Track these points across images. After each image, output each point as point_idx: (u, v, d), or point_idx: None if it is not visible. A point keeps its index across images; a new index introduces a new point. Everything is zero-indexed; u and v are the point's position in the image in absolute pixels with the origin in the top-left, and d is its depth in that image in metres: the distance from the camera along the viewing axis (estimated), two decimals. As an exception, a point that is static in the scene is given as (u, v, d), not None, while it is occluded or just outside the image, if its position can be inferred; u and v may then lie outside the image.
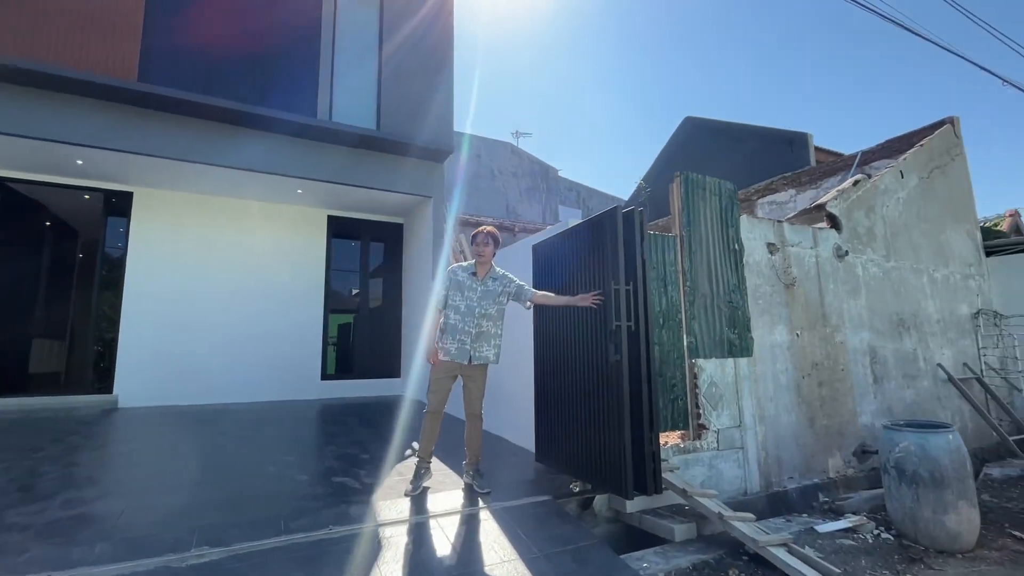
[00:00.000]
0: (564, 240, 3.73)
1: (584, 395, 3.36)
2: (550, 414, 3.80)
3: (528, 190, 20.12)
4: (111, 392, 6.56)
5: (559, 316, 3.73)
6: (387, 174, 7.15)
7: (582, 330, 3.39)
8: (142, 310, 6.81)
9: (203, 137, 6.12)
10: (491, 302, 3.38)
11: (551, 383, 3.80)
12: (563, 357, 3.64)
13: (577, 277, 3.48)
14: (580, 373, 3.41)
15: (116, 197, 6.95)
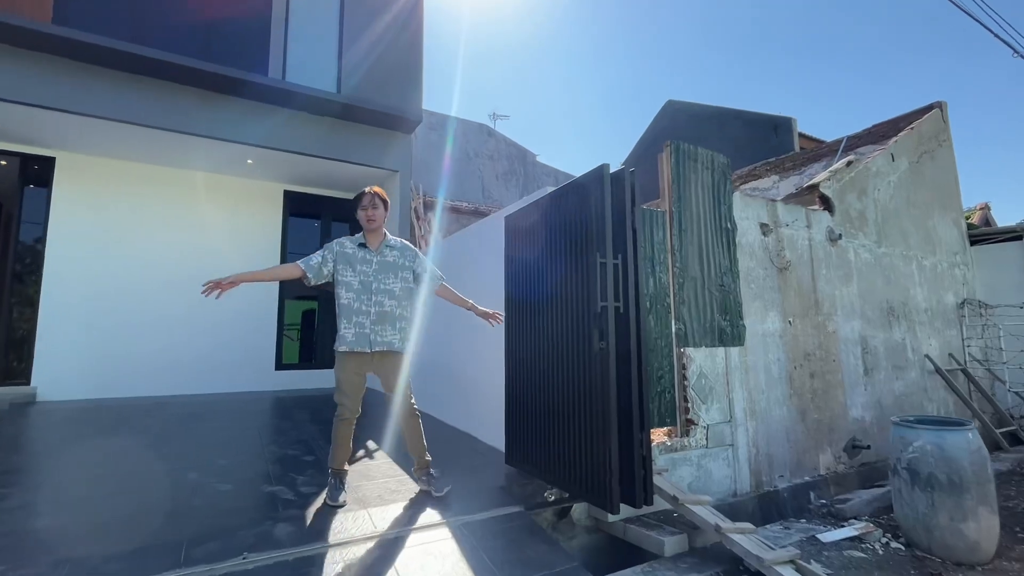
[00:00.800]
0: (542, 208, 3.22)
1: (562, 390, 2.87)
2: (522, 411, 3.31)
3: (505, 174, 19.53)
4: (28, 383, 5.79)
5: (533, 297, 3.23)
6: (349, 144, 6.51)
7: (560, 313, 2.89)
8: (66, 291, 6.03)
9: (132, 94, 5.38)
10: (392, 277, 2.88)
11: (523, 375, 3.31)
12: (537, 345, 3.14)
13: (557, 250, 2.97)
14: (558, 364, 2.93)
15: (35, 162, 6.12)
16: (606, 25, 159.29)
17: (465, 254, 4.87)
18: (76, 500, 2.73)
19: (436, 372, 5.27)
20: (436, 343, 5.33)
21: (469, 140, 18.40)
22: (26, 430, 4.39)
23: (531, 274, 3.27)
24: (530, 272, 3.28)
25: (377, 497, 2.85)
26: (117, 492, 2.85)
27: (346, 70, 6.49)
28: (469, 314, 4.65)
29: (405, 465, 3.46)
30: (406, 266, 2.95)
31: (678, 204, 4.15)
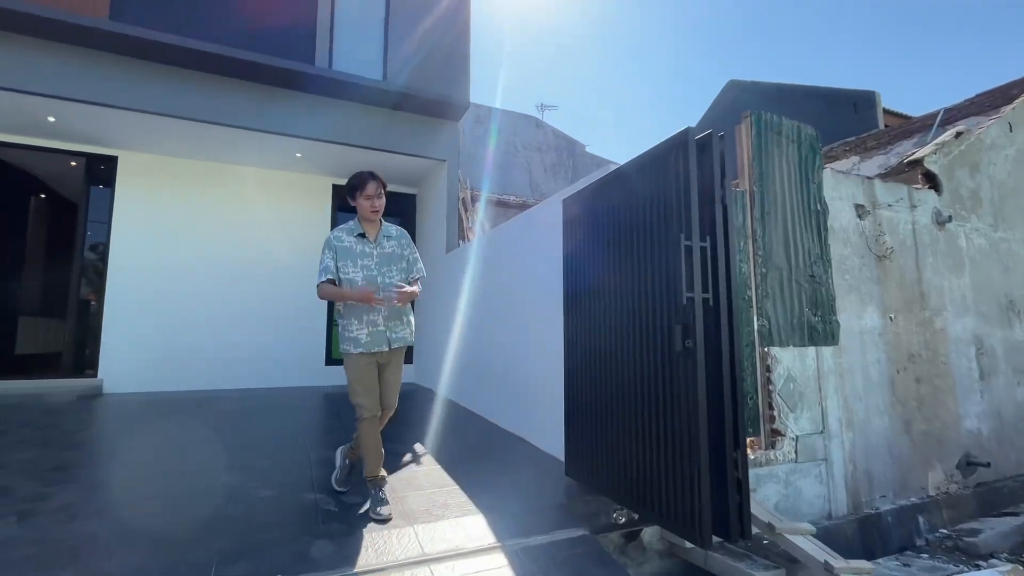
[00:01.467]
0: (607, 186, 2.82)
1: (635, 396, 2.47)
2: (584, 418, 2.94)
3: (553, 166, 19.10)
4: (96, 376, 5.97)
5: (597, 288, 2.84)
6: (396, 134, 6.31)
7: (632, 306, 2.49)
8: (128, 288, 6.17)
9: (185, 88, 5.38)
10: (394, 268, 2.69)
11: (586, 377, 2.92)
12: (602, 343, 2.75)
13: (627, 234, 2.57)
14: (629, 365, 2.53)
15: (100, 162, 6.30)
16: (656, 6, 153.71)
17: (515, 243, 4.52)
18: (115, 504, 2.61)
19: (486, 371, 4.97)
20: (486, 340, 5.03)
21: (516, 132, 18.07)
22: (86, 424, 4.44)
23: (594, 263, 2.88)
24: (593, 260, 2.89)
25: (425, 511, 2.56)
26: (156, 495, 2.71)
27: (392, 58, 6.29)
28: (522, 308, 4.32)
29: (455, 473, 3.17)
30: (404, 256, 2.79)
31: (760, 183, 3.63)
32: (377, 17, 6.34)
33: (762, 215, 3.58)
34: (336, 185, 7.46)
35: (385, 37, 6.32)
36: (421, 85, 6.19)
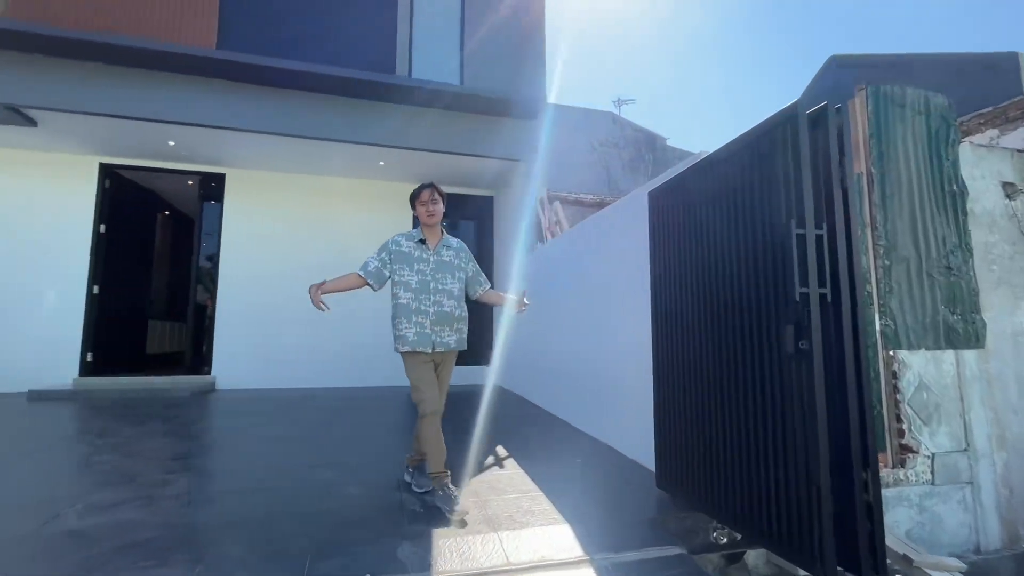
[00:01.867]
0: (700, 176, 2.58)
1: (739, 404, 2.23)
2: (677, 424, 2.71)
3: (632, 162, 18.50)
4: (210, 374, 6.59)
5: (690, 285, 2.61)
6: (473, 137, 6.36)
7: (735, 304, 2.25)
8: (235, 293, 6.76)
9: (282, 106, 5.77)
10: (450, 276, 2.79)
11: (679, 384, 2.70)
12: (700, 346, 2.52)
13: (726, 224, 2.33)
14: (732, 370, 2.28)
15: (212, 180, 6.96)
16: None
17: (596, 242, 4.35)
18: (222, 493, 2.79)
19: (567, 374, 4.83)
20: (567, 342, 4.89)
21: (593, 130, 17.73)
22: (200, 418, 4.88)
23: (687, 259, 2.65)
24: (685, 256, 2.67)
25: (508, 518, 2.48)
26: (258, 488, 2.86)
27: (468, 63, 6.37)
28: (605, 310, 4.14)
29: (538, 478, 3.07)
30: (461, 267, 2.89)
31: (879, 163, 3.18)
32: (453, 26, 6.45)
33: (883, 199, 3.14)
34: (417, 191, 7.69)
35: (461, 44, 6.41)
36: (497, 87, 6.20)
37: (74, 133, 5.77)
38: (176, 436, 4.00)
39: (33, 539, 2.15)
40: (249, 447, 3.79)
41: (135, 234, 7.21)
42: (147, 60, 5.24)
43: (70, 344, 6.23)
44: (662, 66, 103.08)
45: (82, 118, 5.35)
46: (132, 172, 6.78)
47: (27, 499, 2.60)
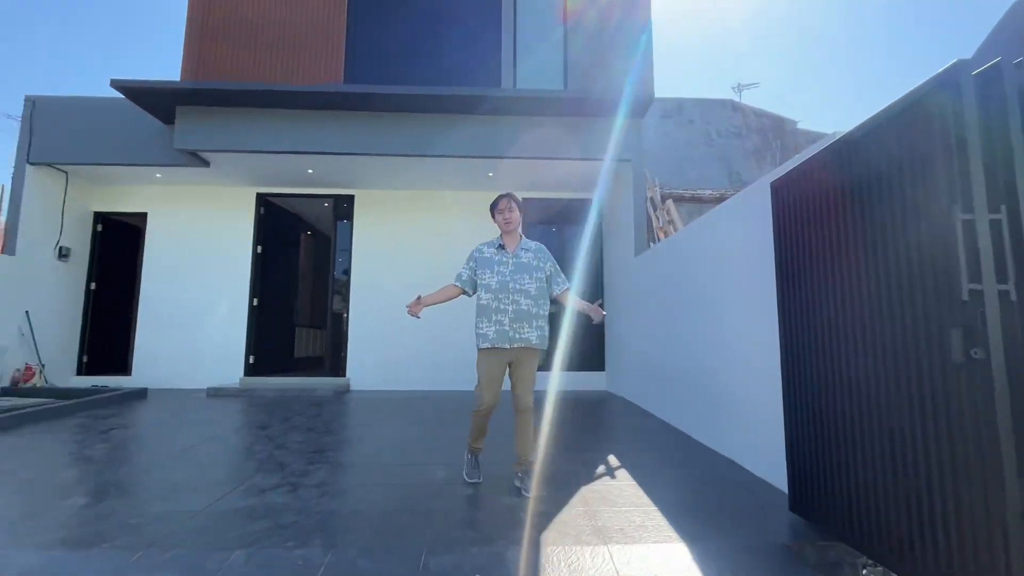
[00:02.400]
0: (833, 160, 2.28)
1: (889, 416, 1.91)
2: (817, 445, 2.40)
3: (756, 151, 17.02)
4: (345, 376, 7.31)
5: (822, 283, 2.30)
6: (578, 140, 6.32)
7: (883, 306, 1.94)
8: (365, 303, 7.44)
9: (400, 128, 6.24)
10: (528, 277, 2.97)
11: (816, 393, 2.39)
12: (841, 355, 2.21)
13: (869, 211, 2.02)
14: (877, 377, 1.97)
15: (343, 201, 7.75)
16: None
17: (711, 240, 4.04)
18: (353, 486, 3.06)
19: (684, 381, 4.55)
20: (683, 348, 4.61)
21: (710, 120, 16.61)
22: (337, 415, 5.42)
23: (820, 254, 2.35)
24: (819, 251, 2.37)
25: (619, 531, 2.39)
26: (382, 483, 3.09)
27: (572, 66, 6.35)
28: (721, 312, 3.83)
29: (652, 491, 2.92)
30: (540, 267, 3.04)
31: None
32: (556, 34, 6.48)
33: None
34: (526, 199, 7.83)
35: (565, 50, 6.42)
36: (601, 87, 6.10)
37: (236, 169, 6.81)
38: (317, 432, 4.50)
39: (206, 513, 2.54)
40: (374, 444, 4.12)
41: (284, 252, 8.29)
42: (289, 101, 6.00)
43: (237, 349, 7.33)
44: (791, 42, 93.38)
45: (243, 156, 6.29)
46: (280, 199, 7.82)
47: (207, 479, 3.09)
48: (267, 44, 6.27)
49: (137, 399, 6.22)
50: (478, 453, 3.19)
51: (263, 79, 6.13)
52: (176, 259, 7.49)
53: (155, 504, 2.68)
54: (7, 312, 6.33)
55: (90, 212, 7.62)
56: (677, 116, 16.35)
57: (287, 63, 6.23)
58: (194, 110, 6.11)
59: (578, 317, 7.56)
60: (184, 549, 2.16)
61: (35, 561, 2.05)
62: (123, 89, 5.74)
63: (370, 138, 6.22)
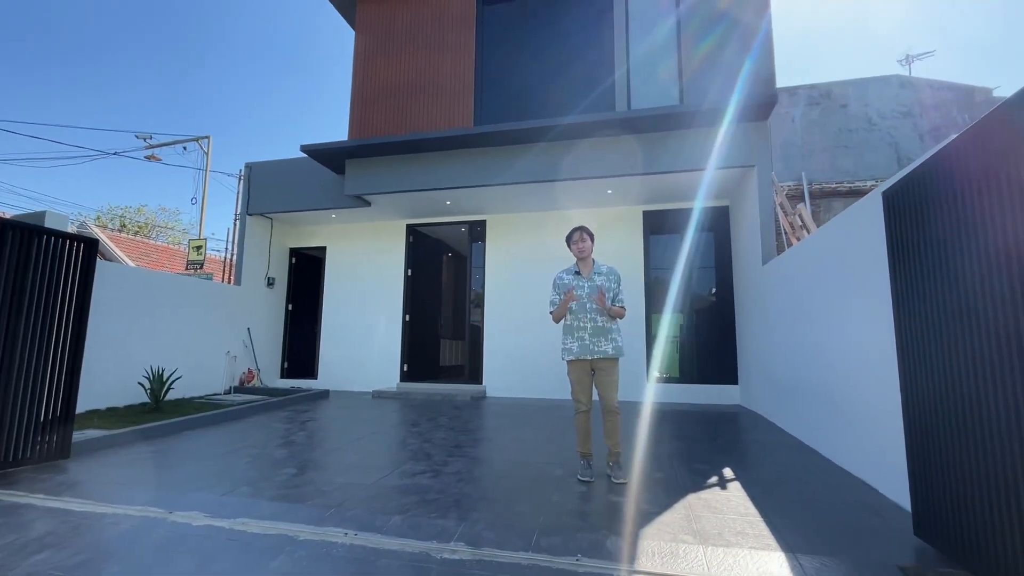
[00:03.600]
0: (955, 155, 2.21)
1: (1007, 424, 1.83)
2: (941, 460, 2.29)
3: (935, 129, 14.64)
4: (481, 383, 8.10)
5: (950, 296, 2.22)
6: (698, 150, 6.29)
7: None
8: (498, 317, 8.18)
9: (523, 159, 6.85)
10: (596, 298, 3.44)
11: (942, 398, 2.29)
12: (972, 350, 2.13)
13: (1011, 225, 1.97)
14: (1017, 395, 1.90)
15: (477, 226, 8.64)
16: None
17: (829, 252, 3.85)
18: (482, 475, 3.60)
19: (810, 391, 4.33)
20: (806, 357, 4.40)
21: (868, 102, 14.77)
22: (474, 418, 6.12)
23: (948, 260, 2.28)
24: (945, 257, 2.29)
25: (717, 534, 2.54)
26: (506, 475, 3.59)
27: (687, 79, 6.37)
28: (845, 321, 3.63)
29: (761, 502, 2.96)
30: (611, 288, 3.55)
31: None
32: (670, 48, 6.57)
33: None
34: (646, 211, 7.93)
35: (679, 63, 6.47)
36: (718, 95, 6.03)
37: (391, 206, 8.06)
38: (456, 431, 5.20)
39: (373, 487, 3.27)
40: (504, 443, 4.66)
41: (429, 274, 9.47)
42: (429, 146, 7.00)
43: (394, 358, 8.58)
44: None
45: (396, 195, 7.46)
46: (425, 227, 8.99)
47: (373, 462, 3.90)
48: (410, 101, 7.40)
49: (322, 398, 7.68)
50: (588, 458, 3.52)
51: (408, 130, 7.24)
52: (347, 283, 9.06)
53: (338, 477, 3.51)
54: (236, 328, 8.30)
55: (287, 248, 9.59)
56: (826, 102, 14.81)
57: (426, 115, 7.27)
58: (359, 162, 7.44)
59: (687, 328, 7.44)
60: (359, 510, 2.87)
61: (269, 510, 2.91)
62: (309, 152, 7.26)
63: (497, 170, 6.93)
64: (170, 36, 53.85)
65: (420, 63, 7.54)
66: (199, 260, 9.46)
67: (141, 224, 29.04)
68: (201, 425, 5.38)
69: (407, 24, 7.74)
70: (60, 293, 3.90)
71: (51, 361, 3.82)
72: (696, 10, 6.45)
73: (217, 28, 59.13)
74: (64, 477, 3.53)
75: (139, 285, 6.66)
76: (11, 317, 3.57)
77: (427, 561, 2.33)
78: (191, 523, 2.76)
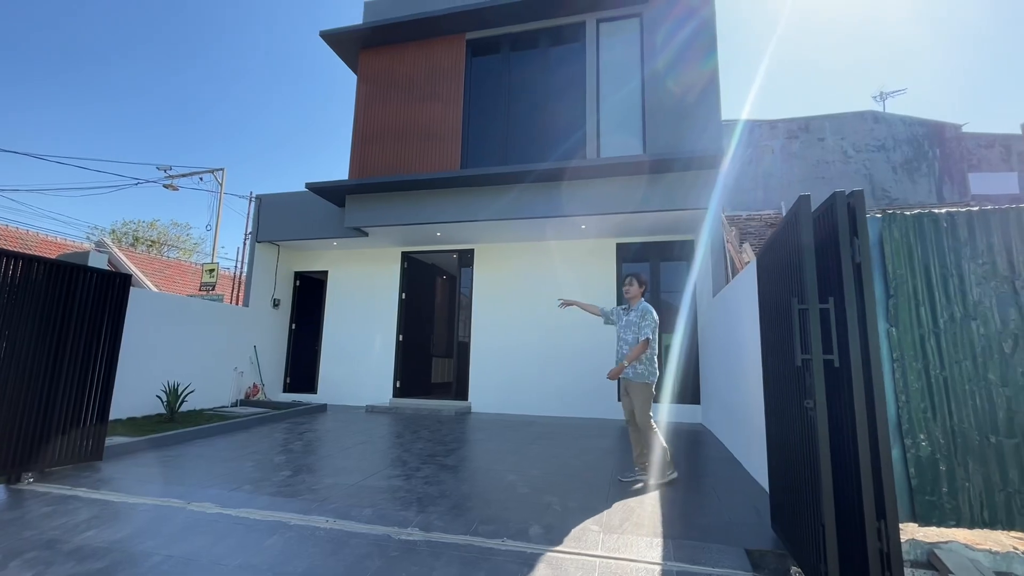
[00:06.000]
0: (772, 241, 2.95)
1: (796, 445, 2.54)
2: (778, 467, 2.98)
3: (907, 163, 15.44)
4: (467, 400, 8.79)
5: (769, 342, 2.94)
6: (659, 194, 7.04)
7: (783, 357, 2.59)
8: (483, 337, 8.90)
9: (507, 198, 7.62)
10: (630, 331, 4.31)
11: (778, 419, 2.99)
12: (782, 386, 2.84)
13: (775, 292, 2.70)
14: (795, 413, 2.60)
15: (466, 254, 9.41)
16: None
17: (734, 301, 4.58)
18: (445, 479, 4.29)
19: (735, 410, 5.00)
20: (735, 380, 5.08)
21: (844, 135, 15.60)
22: (451, 431, 6.80)
23: (770, 321, 3.00)
24: (770, 319, 3.01)
25: (619, 526, 3.22)
26: (467, 479, 4.28)
27: (649, 133, 7.16)
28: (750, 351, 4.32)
29: (669, 502, 3.63)
30: (638, 323, 4.30)
31: None
32: (634, 107, 7.38)
33: None
34: (619, 243, 8.68)
35: (643, 119, 7.27)
36: (675, 147, 6.81)
37: (387, 236, 8.86)
38: (434, 442, 5.89)
39: (354, 487, 3.98)
40: (474, 453, 5.35)
41: (422, 296, 10.23)
42: (422, 185, 7.80)
43: (388, 375, 9.30)
44: (952, 33, 77.88)
45: (391, 228, 8.26)
46: (419, 254, 9.78)
47: (357, 467, 4.60)
48: (405, 143, 8.24)
49: (320, 412, 8.40)
50: (637, 462, 4.33)
51: (403, 170, 8.06)
52: (347, 305, 9.84)
53: (326, 479, 4.22)
54: (244, 345, 9.07)
55: (292, 272, 10.40)
56: (804, 135, 15.60)
57: (419, 156, 8.09)
58: (358, 197, 8.26)
59: (679, 354, 8.12)
60: (339, 504, 3.57)
61: (267, 502, 3.62)
62: (314, 189, 8.09)
63: (481, 207, 7.71)
64: (194, 78, 56.78)
65: (414, 109, 8.39)
66: (211, 282, 10.27)
67: (153, 239, 30.18)
68: (211, 434, 6.11)
69: (405, 74, 8.61)
70: (99, 320, 4.67)
71: (90, 378, 4.57)
72: (657, 73, 7.25)
73: (235, 65, 61.45)
74: (100, 475, 4.26)
75: (158, 307, 7.46)
76: (58, 341, 4.34)
77: (387, 541, 3.03)
78: (205, 511, 3.47)
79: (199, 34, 59.13)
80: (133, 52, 53.06)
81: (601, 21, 7.89)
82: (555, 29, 8.07)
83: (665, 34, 7.33)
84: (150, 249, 28.57)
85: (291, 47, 70.83)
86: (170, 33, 56.25)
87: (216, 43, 60.50)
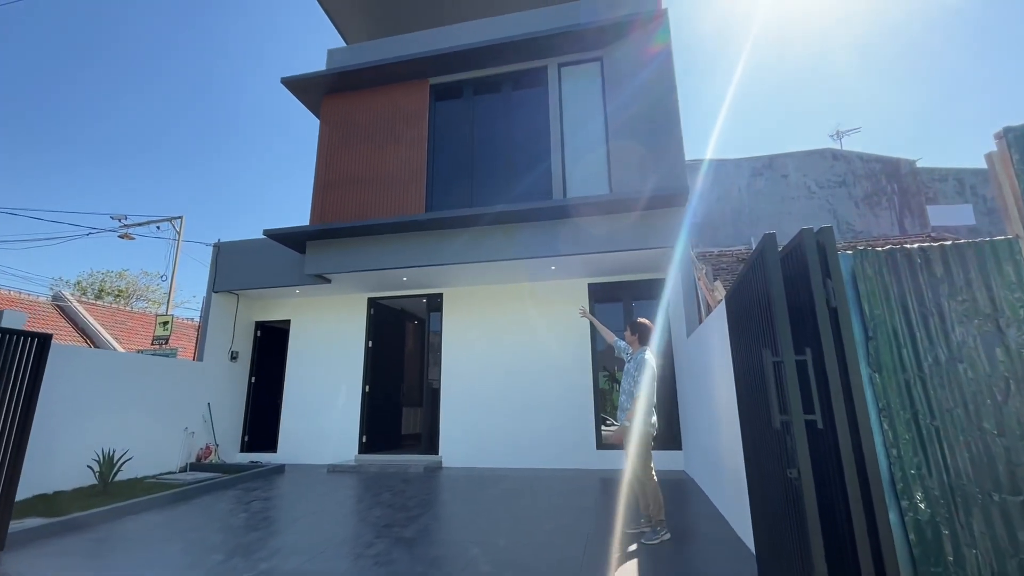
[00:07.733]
0: (740, 284, 2.71)
1: (782, 516, 2.22)
2: (766, 534, 2.64)
3: (868, 197, 15.93)
4: (437, 454, 8.26)
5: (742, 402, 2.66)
6: (626, 233, 6.92)
7: (760, 416, 2.31)
8: (454, 385, 8.47)
9: (472, 242, 7.41)
10: (628, 379, 4.26)
11: (757, 483, 2.67)
12: (761, 448, 2.54)
13: (745, 342, 2.44)
14: (779, 481, 2.29)
15: (434, 298, 9.09)
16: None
17: (708, 345, 4.34)
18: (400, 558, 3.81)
19: (715, 458, 4.67)
20: (713, 425, 4.77)
21: (807, 172, 16.06)
22: (419, 492, 6.27)
23: (743, 377, 2.73)
24: (743, 372, 2.75)
25: None
26: (420, 559, 3.81)
27: (615, 174, 7.11)
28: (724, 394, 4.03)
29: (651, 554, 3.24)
30: (633, 373, 4.25)
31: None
32: (599, 147, 7.37)
33: None
34: (590, 283, 8.48)
35: (608, 159, 7.24)
36: (640, 187, 6.74)
37: (351, 283, 8.50)
38: (395, 508, 5.37)
39: (293, 573, 3.47)
40: (437, 523, 4.86)
41: (390, 343, 9.79)
42: (385, 229, 7.55)
43: (353, 429, 8.72)
44: (903, 74, 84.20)
45: (356, 274, 7.92)
46: (386, 299, 9.41)
47: (300, 546, 4.08)
48: (368, 187, 8.03)
49: (276, 474, 7.75)
50: (644, 512, 4.15)
51: (366, 215, 7.81)
52: (310, 355, 9.33)
53: (263, 563, 3.69)
54: (195, 404, 8.44)
55: (252, 322, 9.89)
56: (768, 172, 16.02)
57: (382, 200, 7.88)
58: (319, 244, 7.95)
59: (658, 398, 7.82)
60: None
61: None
62: (273, 236, 7.76)
63: (447, 251, 7.47)
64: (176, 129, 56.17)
65: (378, 153, 8.24)
66: (165, 336, 9.68)
67: (121, 289, 29.05)
68: (146, 509, 5.48)
69: (368, 119, 8.51)
70: (8, 385, 4.16)
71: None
72: (619, 114, 7.28)
73: (198, 109, 61.75)
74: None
75: (95, 366, 6.88)
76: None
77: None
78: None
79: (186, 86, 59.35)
80: (81, 75, 51.69)
81: (562, 65, 7.96)
82: (517, 73, 8.12)
83: (625, 77, 7.41)
84: (117, 300, 27.46)
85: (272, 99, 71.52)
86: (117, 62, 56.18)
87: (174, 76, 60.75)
